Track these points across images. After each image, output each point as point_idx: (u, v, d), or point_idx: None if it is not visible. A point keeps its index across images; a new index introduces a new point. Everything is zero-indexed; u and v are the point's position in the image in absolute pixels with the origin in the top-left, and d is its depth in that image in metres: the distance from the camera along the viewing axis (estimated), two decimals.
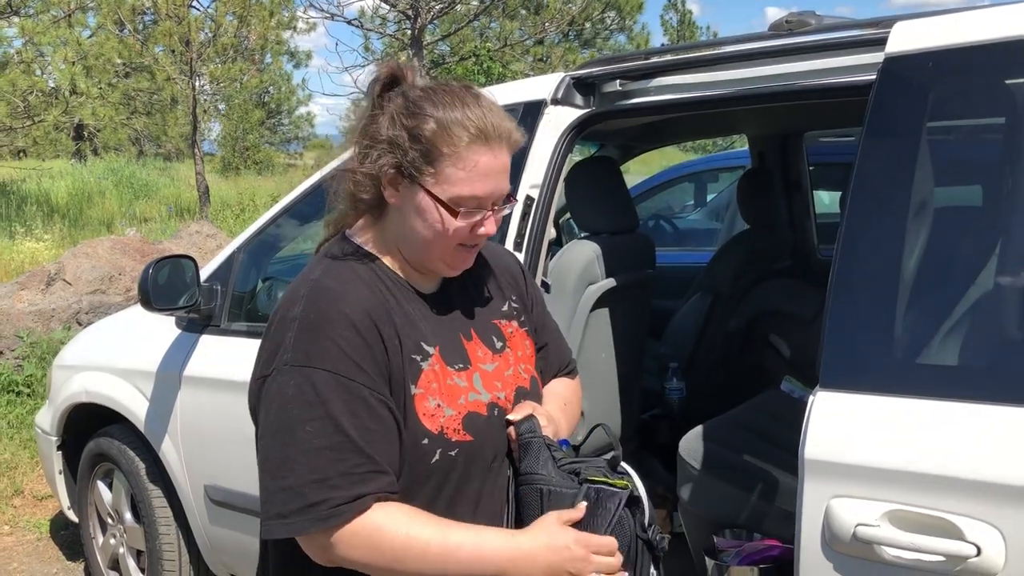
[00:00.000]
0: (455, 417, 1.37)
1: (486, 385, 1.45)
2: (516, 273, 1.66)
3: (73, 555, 3.94)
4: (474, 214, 1.36)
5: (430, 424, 1.35)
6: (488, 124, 1.34)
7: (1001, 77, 1.71)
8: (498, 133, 1.35)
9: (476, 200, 1.35)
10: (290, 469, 1.26)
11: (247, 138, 26.13)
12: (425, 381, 1.36)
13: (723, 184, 7.19)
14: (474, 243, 1.40)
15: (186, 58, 15.15)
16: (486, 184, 1.34)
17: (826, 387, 1.65)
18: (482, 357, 1.47)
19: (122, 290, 6.52)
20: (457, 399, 1.39)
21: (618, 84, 2.39)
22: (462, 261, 1.42)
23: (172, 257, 2.86)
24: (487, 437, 1.41)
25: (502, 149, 1.36)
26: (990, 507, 1.45)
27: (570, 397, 1.68)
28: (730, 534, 2.39)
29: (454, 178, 1.33)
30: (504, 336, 1.54)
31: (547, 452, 1.41)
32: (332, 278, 1.37)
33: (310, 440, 1.26)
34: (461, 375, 1.42)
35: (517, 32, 20.06)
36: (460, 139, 1.32)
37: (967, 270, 1.67)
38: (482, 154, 1.33)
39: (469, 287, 1.53)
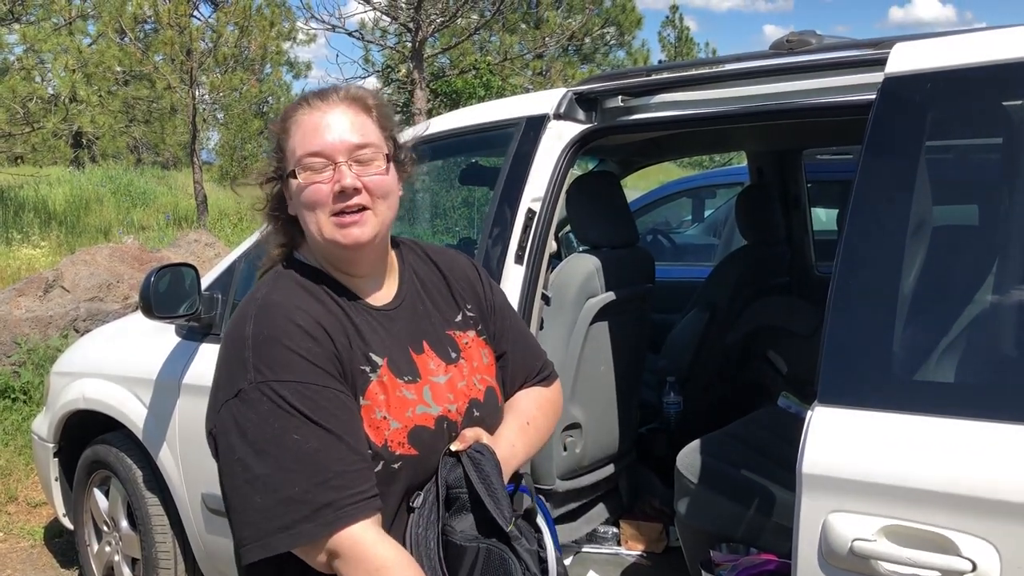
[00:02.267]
0: (400, 430, 1.37)
1: (436, 398, 1.44)
2: (473, 280, 1.63)
3: (67, 563, 3.93)
4: (322, 171, 1.38)
5: (375, 436, 1.35)
6: (313, 93, 1.44)
7: (999, 98, 1.73)
8: (324, 96, 1.43)
9: (316, 156, 1.38)
10: (287, 480, 1.25)
11: (245, 147, 26.13)
12: (372, 393, 1.37)
13: (721, 200, 7.22)
14: (345, 206, 1.37)
15: (186, 67, 15.18)
16: (316, 137, 1.38)
17: (824, 403, 1.66)
18: (434, 369, 1.47)
19: (120, 298, 6.51)
20: (404, 412, 1.39)
21: (620, 100, 2.41)
22: (345, 231, 1.38)
23: (173, 265, 2.87)
24: (433, 451, 1.40)
25: (333, 105, 1.41)
26: (986, 523, 1.47)
27: (535, 413, 1.61)
28: (727, 548, 2.40)
29: (292, 147, 1.41)
30: (459, 347, 1.53)
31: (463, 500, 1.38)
32: (278, 293, 1.39)
33: (300, 447, 1.26)
34: (410, 387, 1.42)
35: (517, 46, 20.13)
36: (291, 116, 1.43)
37: (965, 288, 1.69)
38: (309, 114, 1.41)
39: (421, 299, 1.54)
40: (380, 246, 1.46)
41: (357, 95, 1.45)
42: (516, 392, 1.64)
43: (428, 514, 1.37)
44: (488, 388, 1.54)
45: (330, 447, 1.27)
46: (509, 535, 1.35)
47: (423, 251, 1.63)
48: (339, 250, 1.41)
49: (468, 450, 1.41)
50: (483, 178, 3.02)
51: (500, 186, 2.39)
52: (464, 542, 1.34)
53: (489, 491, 1.37)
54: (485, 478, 1.37)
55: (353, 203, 1.38)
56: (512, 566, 1.34)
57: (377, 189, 1.40)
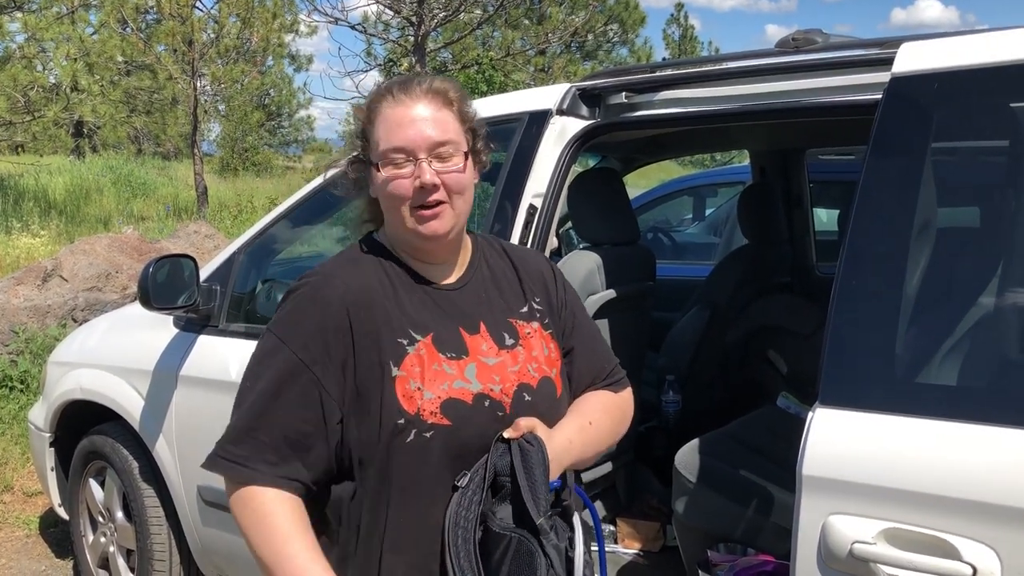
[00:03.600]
0: (434, 400, 1.41)
1: (480, 376, 1.46)
2: (547, 278, 1.66)
3: (62, 552, 3.93)
4: (403, 166, 1.43)
5: (407, 405, 1.40)
6: (397, 84, 1.47)
7: (1006, 100, 1.72)
8: (407, 89, 1.46)
9: (399, 152, 1.42)
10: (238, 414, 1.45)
11: (246, 139, 26.12)
12: (408, 364, 1.42)
13: (722, 199, 7.21)
14: (424, 202, 1.43)
15: (188, 58, 15.16)
16: (402, 132, 1.42)
17: (825, 404, 1.65)
18: (485, 351, 1.50)
19: (119, 288, 6.50)
20: (440, 384, 1.42)
21: (623, 96, 2.40)
22: (425, 225, 1.45)
23: (172, 256, 2.86)
24: (468, 425, 1.42)
25: (416, 99, 1.44)
26: (987, 528, 1.46)
27: (599, 415, 1.61)
28: (724, 548, 2.39)
29: (377, 138, 1.45)
30: (518, 334, 1.55)
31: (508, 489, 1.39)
32: (333, 263, 1.51)
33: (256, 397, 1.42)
34: (452, 363, 1.45)
35: (519, 42, 20.11)
36: (376, 106, 1.47)
37: (968, 290, 1.68)
38: (393, 107, 1.44)
39: (486, 287, 1.58)
40: (456, 238, 1.53)
41: (440, 88, 1.47)
42: (583, 393, 1.64)
43: (472, 495, 1.39)
44: (544, 378, 1.54)
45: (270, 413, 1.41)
46: (539, 528, 1.36)
47: (500, 245, 1.68)
48: (418, 240, 1.48)
49: (519, 439, 1.42)
50: (485, 173, 3.00)
51: (502, 181, 2.38)
52: (499, 529, 1.37)
53: (529, 481, 1.38)
54: (529, 469, 1.39)
55: (431, 199, 1.44)
56: (537, 560, 1.36)
57: (454, 185, 1.45)
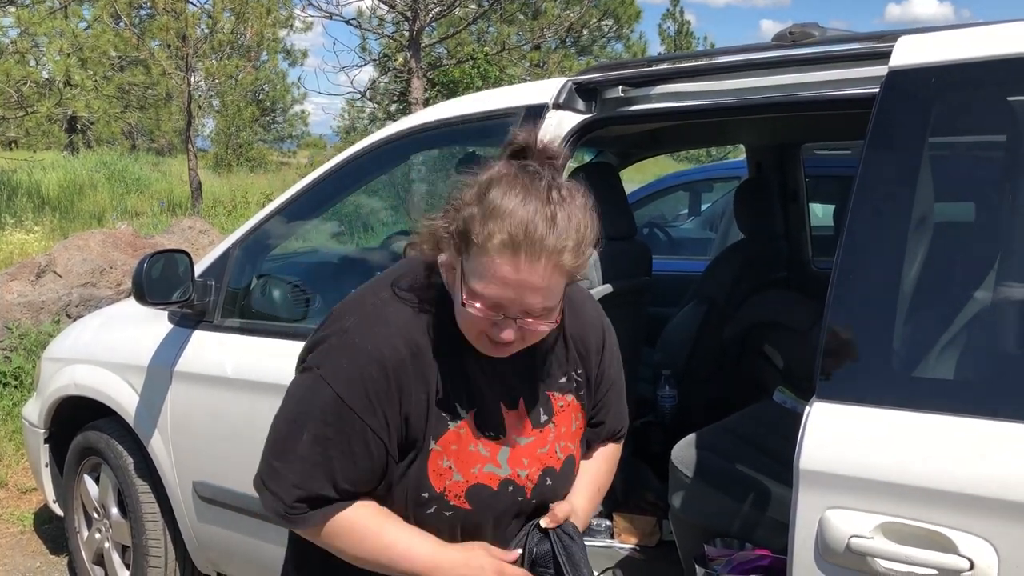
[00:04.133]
0: (461, 483, 1.40)
1: (512, 461, 1.44)
2: (595, 347, 1.56)
3: (57, 549, 3.92)
4: (491, 313, 1.29)
5: (436, 482, 1.39)
6: (524, 234, 1.24)
7: (1004, 93, 1.72)
8: (533, 247, 1.24)
9: (491, 302, 1.27)
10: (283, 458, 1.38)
11: (240, 135, 26.05)
12: (446, 441, 1.39)
13: (717, 194, 7.21)
14: (495, 340, 1.32)
15: (182, 53, 15.11)
16: (502, 291, 1.26)
17: (822, 398, 1.65)
18: (520, 430, 1.46)
19: (113, 284, 6.48)
20: (471, 467, 1.40)
21: (620, 90, 2.39)
22: (491, 351, 1.35)
23: (167, 251, 2.84)
24: (488, 510, 1.42)
25: (534, 266, 1.24)
26: (984, 521, 1.46)
27: (605, 478, 1.67)
28: (721, 543, 2.39)
29: (475, 271, 1.28)
30: (553, 410, 1.50)
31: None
32: (391, 310, 1.40)
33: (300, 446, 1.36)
34: (487, 444, 1.42)
35: (514, 37, 20.09)
36: (492, 238, 1.25)
37: (965, 284, 1.68)
38: (506, 262, 1.24)
39: (536, 353, 1.47)
40: None
41: (568, 262, 1.27)
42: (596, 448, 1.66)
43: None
44: (568, 457, 1.52)
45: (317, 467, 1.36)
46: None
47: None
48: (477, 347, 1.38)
49: (557, 529, 1.44)
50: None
51: None
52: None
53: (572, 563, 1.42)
54: (575, 566, 1.42)
55: (507, 342, 1.32)
56: None
57: (532, 337, 1.35)
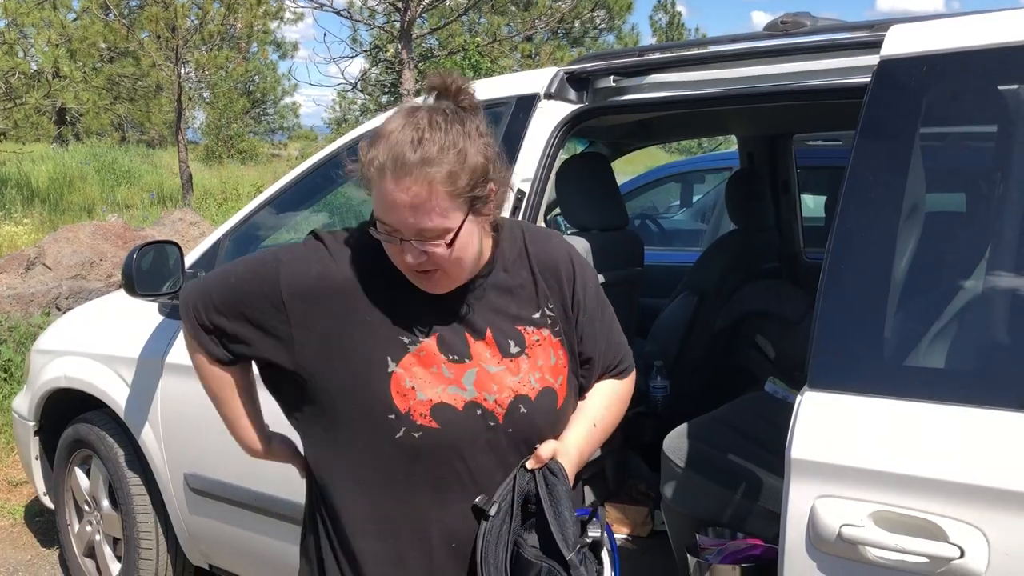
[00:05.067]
0: (425, 403, 1.42)
1: (478, 384, 1.45)
2: (565, 278, 1.58)
3: (48, 542, 3.90)
4: (393, 237, 1.37)
5: (400, 403, 1.41)
6: (391, 155, 1.34)
7: (995, 83, 1.72)
8: (398, 166, 1.33)
9: (386, 227, 1.37)
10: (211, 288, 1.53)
11: (231, 127, 25.94)
12: (406, 363, 1.42)
13: (709, 185, 7.21)
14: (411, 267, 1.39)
15: (172, 44, 15.03)
16: (389, 215, 1.35)
17: (814, 387, 1.65)
18: (488, 358, 1.47)
19: (103, 276, 6.45)
20: (435, 387, 1.43)
21: (612, 80, 2.38)
22: (424, 286, 1.42)
23: (156, 243, 2.83)
24: (455, 431, 1.42)
25: (402, 183, 1.33)
26: (974, 510, 1.46)
27: (603, 412, 1.63)
28: (713, 533, 2.39)
29: (374, 199, 1.38)
30: (526, 343, 1.52)
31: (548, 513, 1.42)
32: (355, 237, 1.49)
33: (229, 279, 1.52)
34: (452, 367, 1.44)
35: (506, 28, 20.04)
36: (371, 164, 1.36)
37: (957, 274, 1.68)
38: (385, 183, 1.34)
39: (503, 291, 1.52)
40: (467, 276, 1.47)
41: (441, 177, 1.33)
42: (592, 385, 1.63)
43: (500, 524, 1.42)
44: (546, 389, 1.51)
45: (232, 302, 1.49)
46: (569, 563, 1.38)
47: (522, 239, 1.58)
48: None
49: (543, 468, 1.45)
50: None
51: None
52: (531, 558, 1.39)
53: (557, 516, 1.41)
54: (556, 502, 1.42)
55: (425, 267, 1.39)
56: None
57: (443, 259, 1.38)
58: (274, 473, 2.47)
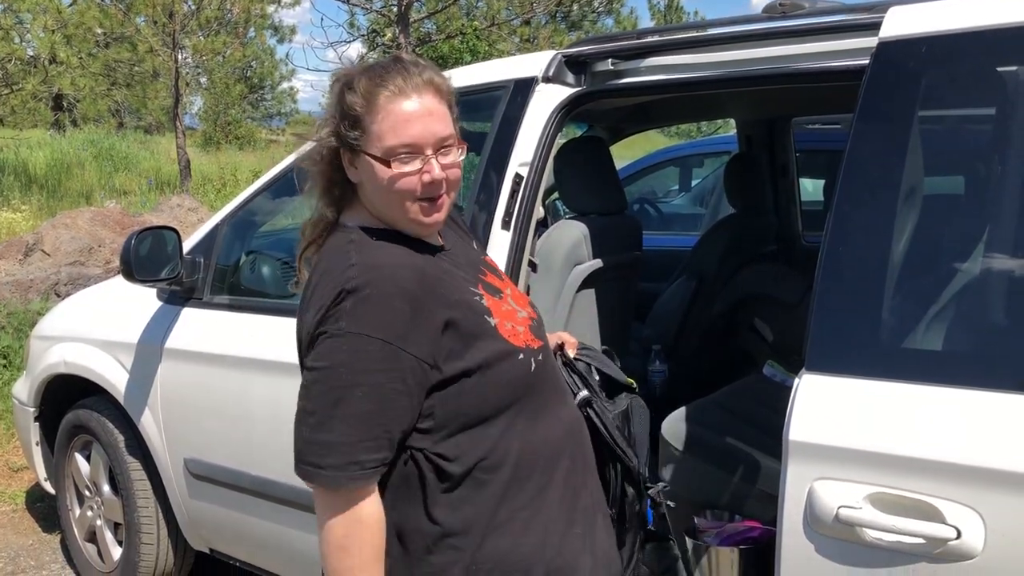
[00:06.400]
0: (523, 332, 1.50)
1: (520, 306, 1.58)
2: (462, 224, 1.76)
3: (49, 527, 3.92)
4: (411, 162, 1.41)
5: (517, 341, 1.47)
6: (395, 73, 1.43)
7: (995, 64, 1.71)
8: (409, 79, 1.42)
9: (408, 147, 1.40)
10: (332, 427, 1.33)
11: (229, 112, 25.84)
12: (495, 310, 1.48)
13: (708, 169, 7.19)
14: (430, 195, 1.43)
15: (169, 30, 14.94)
16: (411, 129, 1.40)
17: (812, 370, 1.66)
18: (500, 288, 1.58)
19: (101, 262, 6.45)
20: (516, 317, 1.52)
21: (610, 63, 2.37)
22: (429, 216, 1.45)
23: (154, 228, 2.83)
24: (546, 342, 1.59)
25: (420, 93, 1.42)
26: (971, 491, 1.47)
27: None
28: (711, 515, 2.40)
29: (380, 131, 1.41)
30: (501, 276, 1.67)
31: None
32: (369, 250, 1.42)
33: (351, 407, 1.33)
34: (503, 301, 1.54)
35: (504, 12, 19.92)
36: (375, 95, 1.41)
37: (954, 257, 1.68)
38: (398, 101, 1.41)
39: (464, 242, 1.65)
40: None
41: (437, 82, 1.46)
42: None
43: (602, 400, 1.71)
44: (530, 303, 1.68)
45: (381, 414, 1.35)
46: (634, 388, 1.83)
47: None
48: (418, 228, 1.47)
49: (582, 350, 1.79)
50: (469, 142, 2.98)
51: (487, 150, 2.36)
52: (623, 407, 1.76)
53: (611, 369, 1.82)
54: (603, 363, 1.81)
55: (438, 194, 1.44)
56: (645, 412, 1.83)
57: (454, 178, 1.46)
58: (273, 458, 2.48)
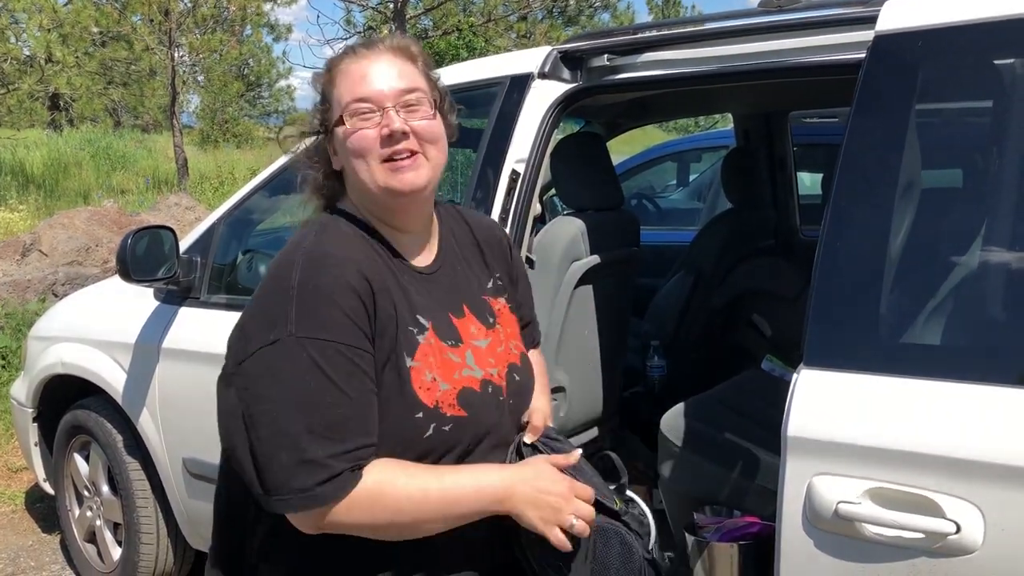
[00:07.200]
0: (450, 391, 1.37)
1: (479, 362, 1.44)
2: (504, 248, 1.64)
3: (49, 527, 3.92)
4: (370, 117, 1.36)
5: (426, 398, 1.34)
6: (360, 43, 1.44)
7: (991, 57, 1.71)
8: (370, 45, 1.42)
9: (363, 101, 1.36)
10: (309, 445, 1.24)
11: (226, 111, 25.81)
12: (422, 354, 1.36)
13: (705, 164, 7.19)
14: (393, 153, 1.36)
15: (165, 28, 14.91)
16: (364, 84, 1.37)
17: (810, 365, 1.65)
18: (475, 333, 1.47)
19: (99, 262, 6.44)
20: (452, 374, 1.38)
21: (606, 59, 2.36)
22: (400, 176, 1.36)
23: (151, 228, 2.83)
24: (480, 413, 1.41)
25: (379, 53, 1.40)
26: (970, 485, 1.47)
27: (545, 379, 1.70)
28: (710, 511, 2.40)
29: (340, 95, 1.39)
30: (494, 312, 1.54)
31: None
32: (329, 242, 1.36)
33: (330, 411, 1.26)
34: (455, 351, 1.41)
35: (501, 7, 19.88)
36: (337, 65, 1.42)
37: (953, 250, 1.68)
38: (356, 62, 1.40)
39: (460, 262, 1.53)
40: (431, 196, 1.46)
41: (402, 44, 1.44)
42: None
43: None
44: (522, 354, 1.56)
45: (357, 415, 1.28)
46: (619, 512, 1.42)
47: (459, 214, 1.62)
48: (393, 198, 1.38)
49: (544, 440, 1.46)
50: (465, 139, 2.97)
51: (483, 147, 2.35)
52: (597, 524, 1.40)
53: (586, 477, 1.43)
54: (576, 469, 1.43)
55: (402, 147, 1.36)
56: (631, 539, 1.44)
57: (426, 133, 1.38)
58: None
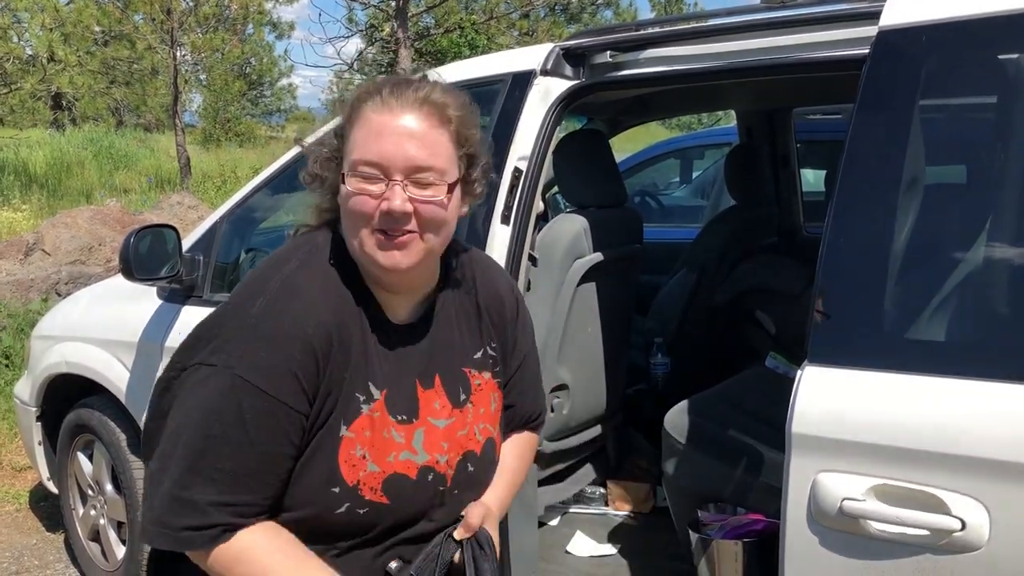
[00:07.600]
0: (377, 475, 1.27)
1: (428, 445, 1.33)
2: (509, 315, 1.50)
3: (53, 526, 3.92)
4: (374, 183, 1.21)
5: (348, 474, 1.25)
6: (391, 84, 1.25)
7: (995, 52, 1.70)
8: (399, 92, 1.24)
9: (371, 166, 1.21)
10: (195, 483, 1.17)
11: (228, 109, 25.84)
12: (359, 426, 1.26)
13: (709, 161, 7.18)
14: (386, 227, 1.22)
15: (167, 27, 14.92)
16: (379, 144, 1.21)
17: (814, 362, 1.65)
18: (437, 410, 1.36)
19: (102, 260, 6.45)
20: (386, 455, 1.28)
21: (608, 55, 2.36)
22: (385, 253, 1.23)
23: (154, 226, 2.82)
24: (408, 502, 1.30)
25: (406, 108, 1.23)
26: (975, 482, 1.46)
27: (520, 468, 1.56)
28: (714, 508, 2.39)
29: (353, 143, 1.24)
30: (471, 388, 1.41)
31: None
32: (306, 280, 1.27)
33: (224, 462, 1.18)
34: (401, 429, 1.30)
35: (503, 5, 19.87)
36: (361, 105, 1.25)
37: (957, 246, 1.67)
38: (378, 112, 1.23)
39: (448, 325, 1.40)
40: (424, 272, 1.33)
41: (438, 101, 1.25)
42: (507, 436, 1.56)
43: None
44: (488, 440, 1.43)
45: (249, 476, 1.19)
46: None
47: (473, 269, 1.47)
48: (377, 269, 1.26)
49: (471, 541, 1.35)
50: None
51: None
52: None
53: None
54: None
55: (398, 228, 1.22)
56: None
57: (429, 218, 1.23)
58: None
